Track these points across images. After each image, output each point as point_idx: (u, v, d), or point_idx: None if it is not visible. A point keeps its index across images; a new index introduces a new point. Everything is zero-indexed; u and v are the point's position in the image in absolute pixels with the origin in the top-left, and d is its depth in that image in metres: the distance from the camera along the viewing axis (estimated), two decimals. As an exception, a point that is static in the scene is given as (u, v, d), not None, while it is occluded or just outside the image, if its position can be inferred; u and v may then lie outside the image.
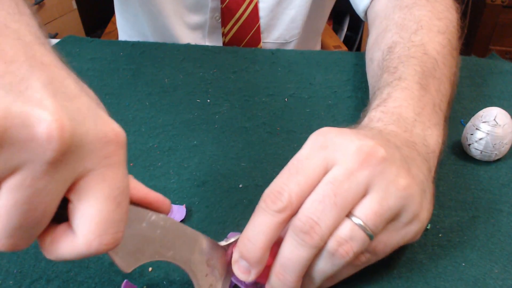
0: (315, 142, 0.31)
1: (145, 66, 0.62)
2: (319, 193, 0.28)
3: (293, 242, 0.28)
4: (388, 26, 0.52)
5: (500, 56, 0.68)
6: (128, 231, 0.26)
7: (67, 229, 0.23)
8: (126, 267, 0.26)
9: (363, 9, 0.62)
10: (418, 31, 0.48)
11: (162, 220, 0.28)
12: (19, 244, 0.22)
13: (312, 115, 0.54)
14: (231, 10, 0.72)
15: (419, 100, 0.40)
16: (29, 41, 0.24)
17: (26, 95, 0.20)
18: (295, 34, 0.78)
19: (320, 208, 0.28)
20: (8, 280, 0.34)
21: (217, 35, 0.75)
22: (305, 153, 0.30)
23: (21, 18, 0.25)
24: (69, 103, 0.22)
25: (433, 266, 0.36)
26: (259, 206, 0.29)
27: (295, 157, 0.31)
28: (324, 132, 0.31)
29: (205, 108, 0.54)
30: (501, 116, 0.44)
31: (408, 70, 0.43)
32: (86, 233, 0.22)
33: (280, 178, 0.30)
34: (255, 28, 0.74)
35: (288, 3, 0.74)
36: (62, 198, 0.22)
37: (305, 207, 0.28)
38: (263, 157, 0.47)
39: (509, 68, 0.62)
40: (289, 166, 0.30)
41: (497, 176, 0.45)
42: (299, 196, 0.28)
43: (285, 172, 0.30)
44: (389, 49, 0.48)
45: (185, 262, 0.29)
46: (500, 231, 0.39)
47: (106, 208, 0.22)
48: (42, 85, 0.21)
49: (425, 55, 0.45)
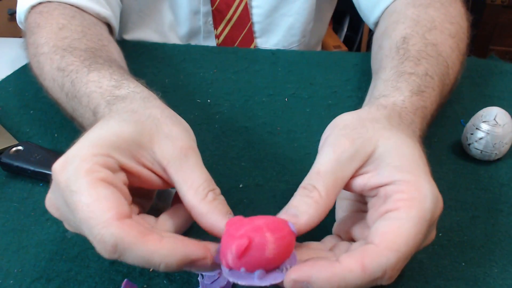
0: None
1: (146, 66, 0.62)
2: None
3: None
4: (400, 19, 0.51)
5: (500, 57, 0.68)
6: None
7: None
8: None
9: (373, 22, 0.61)
10: (432, 31, 0.48)
11: None
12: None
13: (312, 115, 0.54)
14: (221, 11, 0.72)
15: (433, 108, 0.42)
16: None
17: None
18: (294, 41, 0.77)
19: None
20: (9, 280, 0.34)
21: (211, 39, 0.76)
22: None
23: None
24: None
25: (433, 266, 0.36)
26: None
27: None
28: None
29: (206, 108, 0.54)
30: (501, 115, 0.44)
31: (432, 69, 0.43)
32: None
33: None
34: (247, 28, 0.74)
35: (286, 10, 0.74)
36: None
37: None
38: (263, 157, 0.47)
39: (509, 69, 0.62)
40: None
41: (497, 175, 0.45)
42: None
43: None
44: (404, 39, 0.47)
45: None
46: (500, 231, 0.39)
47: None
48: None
49: (440, 57, 0.45)
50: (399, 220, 0.27)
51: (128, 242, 0.26)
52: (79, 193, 0.27)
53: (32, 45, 0.50)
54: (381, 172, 0.30)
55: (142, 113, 0.33)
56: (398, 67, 0.43)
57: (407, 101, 0.38)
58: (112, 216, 0.26)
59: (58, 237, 0.38)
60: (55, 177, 0.29)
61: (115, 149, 0.29)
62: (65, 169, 0.28)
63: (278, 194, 0.42)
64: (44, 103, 0.51)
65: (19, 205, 0.41)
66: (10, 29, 1.49)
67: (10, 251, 0.36)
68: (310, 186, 0.30)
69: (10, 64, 0.68)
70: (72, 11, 0.52)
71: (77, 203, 0.27)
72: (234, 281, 0.27)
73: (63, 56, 0.45)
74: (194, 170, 0.30)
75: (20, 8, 0.55)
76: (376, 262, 0.26)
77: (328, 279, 0.26)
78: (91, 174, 0.27)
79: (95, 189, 0.27)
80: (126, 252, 0.26)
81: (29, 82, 0.51)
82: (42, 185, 0.43)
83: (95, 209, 0.26)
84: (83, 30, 0.50)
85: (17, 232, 0.38)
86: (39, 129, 0.50)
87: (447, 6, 0.52)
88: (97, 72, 0.41)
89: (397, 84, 0.40)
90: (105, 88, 0.39)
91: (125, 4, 0.70)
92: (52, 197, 0.30)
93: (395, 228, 0.27)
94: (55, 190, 0.29)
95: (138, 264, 0.26)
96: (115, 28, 0.60)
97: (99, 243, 0.26)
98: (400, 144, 0.31)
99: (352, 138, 0.31)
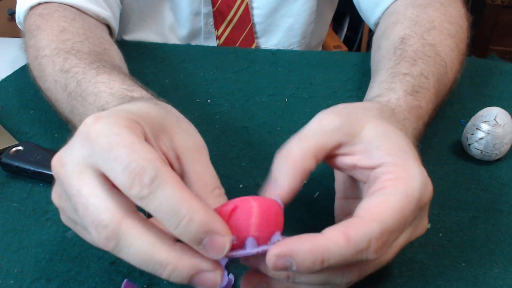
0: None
1: (146, 66, 0.62)
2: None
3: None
4: (399, 20, 0.52)
5: (500, 57, 0.68)
6: None
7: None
8: None
9: (374, 22, 0.61)
10: (431, 31, 0.48)
11: None
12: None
13: (313, 115, 0.53)
14: (222, 12, 0.72)
15: (429, 108, 0.42)
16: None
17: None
18: (294, 42, 0.78)
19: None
20: (9, 280, 0.34)
21: (212, 40, 0.76)
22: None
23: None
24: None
25: (434, 266, 0.36)
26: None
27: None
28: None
29: (206, 108, 0.54)
30: (501, 115, 0.44)
31: (428, 69, 0.43)
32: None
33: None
34: (247, 28, 0.74)
35: (286, 10, 0.74)
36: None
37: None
38: (264, 157, 0.47)
39: (509, 69, 0.63)
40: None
41: (497, 176, 0.45)
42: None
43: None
44: (402, 40, 0.47)
45: None
46: (500, 231, 0.39)
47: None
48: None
49: (438, 57, 0.46)
50: (385, 196, 0.28)
51: (167, 177, 0.25)
52: (121, 135, 0.26)
53: (32, 47, 0.50)
54: (371, 154, 0.30)
55: (165, 106, 0.33)
56: (394, 68, 0.43)
57: (401, 100, 0.38)
58: (157, 157, 0.26)
59: (58, 237, 0.38)
60: (85, 129, 0.27)
61: (144, 121, 0.29)
62: (99, 122, 0.27)
63: (278, 194, 0.42)
64: (44, 103, 0.51)
65: (19, 205, 0.41)
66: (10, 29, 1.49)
67: (10, 251, 0.36)
68: (286, 151, 0.31)
69: (10, 64, 0.68)
70: (72, 13, 0.52)
71: (118, 144, 0.25)
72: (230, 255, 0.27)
73: (66, 58, 0.45)
74: (205, 166, 0.31)
75: (19, 9, 0.55)
76: (360, 231, 0.25)
77: (311, 251, 0.25)
78: (130, 127, 0.27)
79: (138, 137, 0.26)
80: (161, 186, 0.24)
81: (29, 82, 0.51)
82: (42, 185, 0.43)
83: (143, 145, 0.26)
84: (85, 33, 0.50)
85: (17, 232, 0.38)
86: (39, 129, 0.50)
87: (447, 6, 0.53)
88: (107, 75, 0.41)
89: (391, 85, 0.41)
90: (116, 89, 0.39)
91: (126, 5, 0.70)
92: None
93: (380, 202, 0.27)
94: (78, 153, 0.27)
95: (162, 205, 0.25)
96: (115, 29, 0.60)
97: (139, 169, 0.25)
98: (387, 131, 0.31)
99: (339, 114, 0.32)
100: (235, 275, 0.35)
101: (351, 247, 0.25)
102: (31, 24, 0.52)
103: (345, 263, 0.26)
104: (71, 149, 0.28)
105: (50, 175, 0.42)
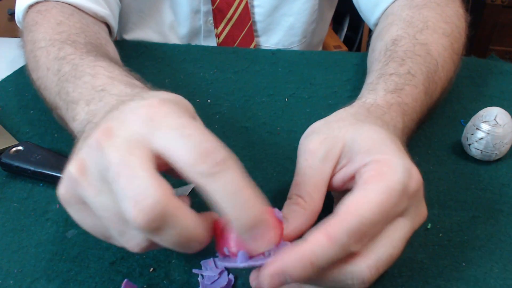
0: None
1: (145, 66, 0.62)
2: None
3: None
4: (394, 21, 0.52)
5: (500, 57, 0.68)
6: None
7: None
8: None
9: (373, 23, 0.61)
10: (424, 31, 0.48)
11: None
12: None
13: (313, 115, 0.54)
14: (222, 10, 0.72)
15: (418, 105, 0.42)
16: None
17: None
18: (294, 41, 0.78)
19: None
20: (9, 280, 0.34)
21: (211, 38, 0.76)
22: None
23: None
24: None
25: (434, 266, 0.36)
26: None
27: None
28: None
29: (206, 108, 0.54)
30: (501, 115, 0.44)
31: (416, 67, 0.44)
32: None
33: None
34: (247, 27, 0.74)
35: (287, 9, 0.74)
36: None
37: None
38: (264, 157, 0.47)
39: (509, 69, 0.62)
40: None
41: (497, 176, 0.45)
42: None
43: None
44: (394, 41, 0.48)
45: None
46: (500, 231, 0.39)
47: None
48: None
49: (429, 55, 0.46)
50: (365, 191, 0.28)
51: (235, 162, 0.27)
52: (188, 119, 0.27)
53: (29, 42, 0.49)
54: (353, 160, 0.31)
55: (177, 95, 0.33)
56: (382, 69, 0.44)
57: (379, 99, 0.39)
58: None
59: (58, 237, 0.38)
60: (151, 110, 0.28)
61: (189, 112, 0.31)
62: (166, 104, 0.28)
63: (278, 194, 0.42)
64: (44, 103, 0.51)
65: (19, 205, 0.41)
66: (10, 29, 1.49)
67: (10, 251, 0.36)
68: (294, 196, 0.32)
69: (10, 64, 0.68)
70: (70, 10, 0.52)
71: (189, 125, 0.27)
72: (223, 265, 0.28)
73: (61, 48, 0.44)
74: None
75: (18, 7, 0.55)
76: (338, 227, 0.26)
77: (300, 261, 0.26)
78: (191, 116, 0.29)
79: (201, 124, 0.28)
80: (231, 168, 0.26)
81: (29, 82, 0.51)
82: (42, 185, 0.43)
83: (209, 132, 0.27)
84: (82, 27, 0.50)
85: (17, 232, 0.38)
86: (39, 129, 0.50)
87: (443, 7, 0.53)
88: (107, 62, 0.40)
89: (375, 86, 0.41)
90: (116, 74, 0.38)
91: (125, 4, 0.70)
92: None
93: (359, 197, 0.28)
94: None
95: (227, 185, 0.26)
96: (114, 28, 0.60)
97: (213, 149, 0.26)
98: (365, 131, 0.32)
99: (319, 141, 0.33)
100: (235, 275, 0.35)
101: (335, 244, 0.26)
102: (29, 21, 0.52)
103: (336, 259, 0.27)
104: (123, 124, 0.27)
105: (50, 175, 0.42)
